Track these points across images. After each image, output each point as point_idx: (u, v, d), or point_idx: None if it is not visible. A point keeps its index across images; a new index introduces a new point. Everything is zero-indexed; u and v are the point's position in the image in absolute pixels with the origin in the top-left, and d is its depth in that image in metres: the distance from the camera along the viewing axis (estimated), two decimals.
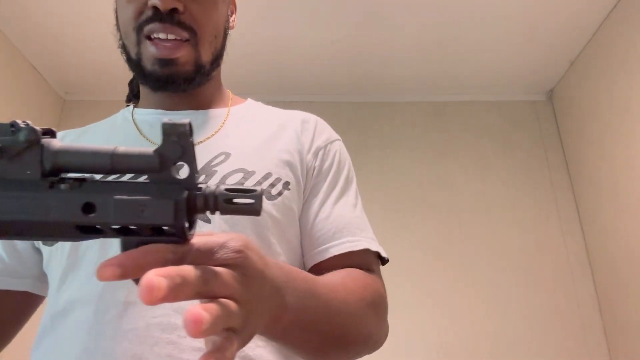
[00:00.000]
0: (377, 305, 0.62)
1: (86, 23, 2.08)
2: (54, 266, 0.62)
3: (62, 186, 0.33)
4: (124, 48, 0.71)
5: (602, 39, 2.08)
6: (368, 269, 0.66)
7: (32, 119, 2.38)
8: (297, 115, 0.77)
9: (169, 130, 0.33)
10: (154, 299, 0.27)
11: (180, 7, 0.64)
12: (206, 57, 0.69)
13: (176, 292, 0.28)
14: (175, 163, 0.33)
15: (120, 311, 0.55)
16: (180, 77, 0.67)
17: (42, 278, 0.68)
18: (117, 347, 0.53)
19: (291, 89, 2.45)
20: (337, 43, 2.19)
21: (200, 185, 0.34)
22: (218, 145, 0.67)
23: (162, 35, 0.65)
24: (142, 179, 0.35)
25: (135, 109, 0.75)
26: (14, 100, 2.24)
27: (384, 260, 0.70)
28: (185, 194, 0.33)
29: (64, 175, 0.34)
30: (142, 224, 0.32)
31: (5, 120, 0.35)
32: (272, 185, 0.64)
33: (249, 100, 0.81)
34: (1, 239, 0.34)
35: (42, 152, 0.34)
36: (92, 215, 0.33)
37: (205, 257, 0.34)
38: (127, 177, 0.58)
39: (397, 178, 2.36)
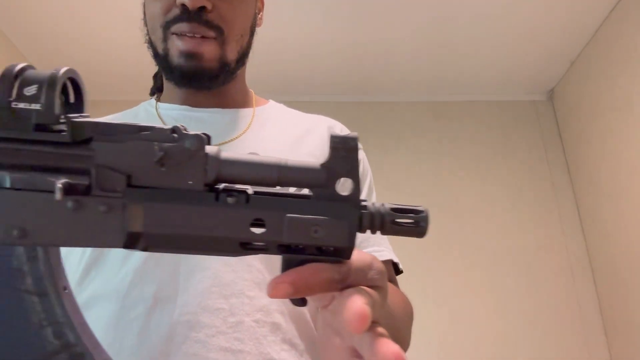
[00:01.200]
0: (412, 320, 0.64)
1: (86, 23, 2.08)
2: (74, 259, 0.61)
3: (229, 199, 0.31)
4: (150, 44, 0.71)
5: (603, 38, 2.08)
6: (391, 280, 0.67)
7: None
8: (323, 121, 0.77)
9: (338, 143, 0.31)
10: (364, 327, 0.26)
11: (208, 6, 0.64)
12: (232, 55, 0.68)
13: None
14: (340, 178, 0.32)
15: (148, 308, 0.55)
16: (204, 72, 0.66)
17: None
18: (144, 344, 0.53)
19: (291, 88, 2.45)
20: (337, 43, 2.19)
21: (364, 203, 0.32)
22: (245, 146, 0.66)
23: (189, 34, 0.64)
24: (291, 190, 0.33)
25: (159, 103, 0.74)
26: None
27: (398, 271, 0.71)
28: (359, 214, 0.31)
29: (222, 185, 0.32)
30: (313, 244, 0.31)
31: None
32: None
33: (271, 102, 0.80)
34: (158, 251, 0.32)
35: (207, 161, 0.31)
36: (261, 232, 0.31)
37: (362, 278, 0.33)
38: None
39: (397, 178, 2.36)
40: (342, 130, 0.76)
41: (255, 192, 0.32)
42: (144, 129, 0.31)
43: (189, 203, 0.31)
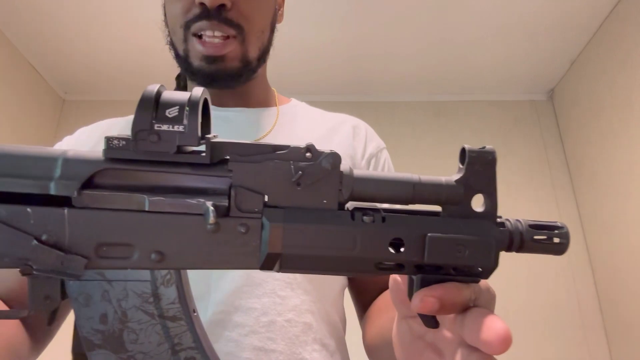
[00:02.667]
0: None
1: (86, 23, 2.08)
2: None
3: (365, 218, 0.31)
4: (172, 45, 0.70)
5: (603, 38, 2.08)
6: None
7: (31, 119, 2.38)
8: (347, 120, 0.77)
9: (475, 158, 0.31)
10: (506, 348, 0.27)
11: (228, 3, 0.63)
12: (253, 52, 0.68)
13: None
14: (475, 194, 0.31)
15: None
16: (227, 73, 0.66)
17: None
18: None
19: (291, 88, 2.45)
20: (337, 43, 2.19)
21: (500, 220, 0.31)
22: None
23: (209, 33, 0.64)
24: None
25: None
26: (13, 100, 2.24)
27: None
28: (506, 232, 0.31)
29: (349, 204, 0.32)
30: (458, 264, 0.30)
31: (5, 119, 0.33)
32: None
33: (294, 100, 0.80)
34: (291, 272, 0.31)
35: (342, 179, 0.31)
36: (400, 252, 0.30)
37: (487, 298, 0.32)
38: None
39: None
40: (366, 128, 0.77)
41: (384, 210, 0.31)
42: (278, 149, 0.31)
43: (327, 223, 0.30)
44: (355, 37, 2.16)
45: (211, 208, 0.29)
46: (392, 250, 0.30)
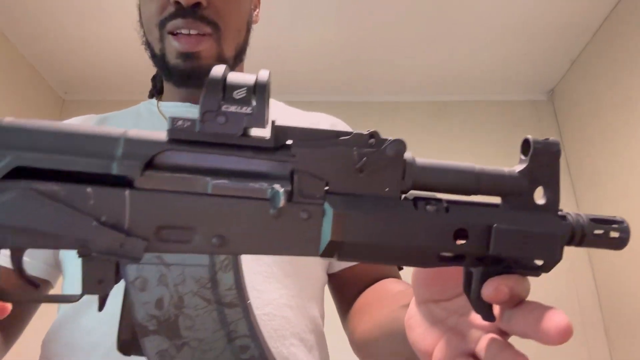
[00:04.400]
0: None
1: (86, 23, 2.08)
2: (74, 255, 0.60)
3: (429, 207, 0.30)
4: (147, 44, 0.71)
5: (603, 38, 2.08)
6: (396, 275, 0.68)
7: (31, 118, 2.38)
8: (324, 119, 0.77)
9: (539, 149, 0.30)
10: (566, 339, 0.28)
11: (203, 2, 0.64)
12: (229, 52, 0.68)
13: None
14: (538, 187, 0.30)
15: None
16: (203, 71, 0.66)
17: (56, 266, 0.66)
18: None
19: (291, 88, 2.45)
20: (337, 43, 2.19)
21: (561, 213, 0.31)
22: None
23: (184, 31, 0.64)
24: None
25: (160, 102, 0.74)
26: (13, 99, 2.24)
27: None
28: (569, 226, 0.30)
29: (415, 193, 0.31)
30: (523, 257, 0.30)
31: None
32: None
33: (272, 100, 0.80)
34: (350, 260, 0.31)
35: (405, 167, 0.30)
36: (463, 242, 0.30)
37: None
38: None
39: None
40: (345, 127, 0.76)
41: (458, 203, 0.31)
42: (342, 134, 0.31)
43: (390, 211, 0.30)
44: (355, 37, 2.16)
45: (281, 190, 0.28)
46: (456, 241, 0.30)
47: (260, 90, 0.30)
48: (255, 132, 0.30)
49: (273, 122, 0.30)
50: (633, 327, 1.88)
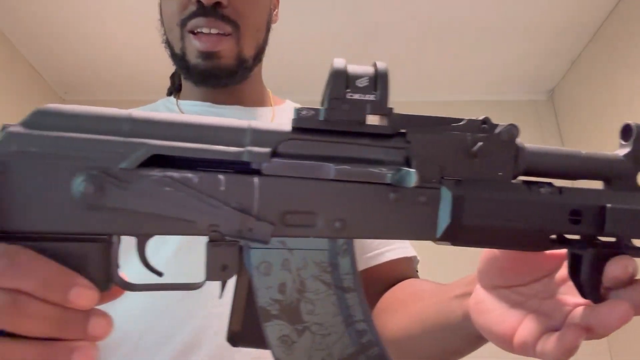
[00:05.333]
0: None
1: (86, 23, 2.08)
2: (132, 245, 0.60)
3: (542, 190, 0.31)
4: (167, 43, 0.71)
5: (604, 38, 2.08)
6: (417, 276, 0.68)
7: None
8: None
9: None
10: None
11: (224, 1, 0.64)
12: (249, 51, 0.69)
13: None
14: None
15: (179, 298, 0.55)
16: (222, 70, 0.66)
17: None
18: (176, 333, 0.53)
19: (291, 88, 2.45)
20: (337, 43, 2.19)
21: None
22: None
23: (205, 30, 0.64)
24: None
25: (179, 100, 0.74)
26: (13, 100, 2.24)
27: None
28: None
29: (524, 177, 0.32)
30: (632, 236, 0.31)
31: (4, 119, 0.33)
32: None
33: (288, 101, 0.81)
34: (465, 246, 0.32)
35: (518, 152, 0.31)
36: (579, 224, 0.30)
37: None
38: None
39: None
40: None
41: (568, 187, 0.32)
42: (454, 121, 0.32)
43: (507, 194, 0.30)
44: (354, 37, 2.16)
45: (414, 170, 0.29)
46: (572, 223, 0.31)
47: (382, 78, 0.31)
48: (370, 120, 0.32)
49: (391, 109, 0.32)
50: (633, 327, 1.88)
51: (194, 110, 0.71)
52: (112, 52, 2.24)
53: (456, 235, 0.31)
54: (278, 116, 0.73)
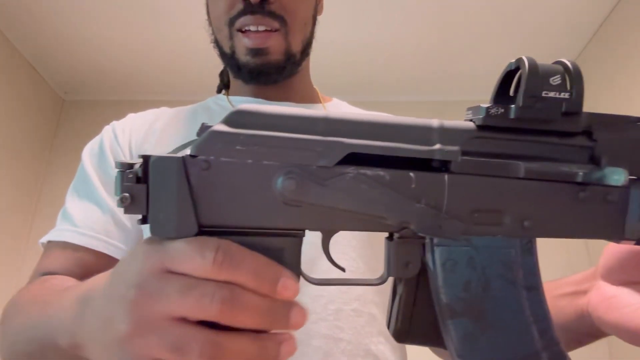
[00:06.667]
0: None
1: (86, 23, 2.08)
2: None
3: None
4: (216, 43, 0.71)
5: (603, 38, 2.08)
6: None
7: (31, 119, 2.38)
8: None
9: None
10: None
11: None
12: (296, 46, 0.69)
13: None
14: None
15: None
16: (271, 66, 0.67)
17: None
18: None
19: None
20: (337, 43, 2.19)
21: None
22: None
23: (252, 28, 0.65)
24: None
25: (230, 97, 0.74)
26: (13, 100, 2.24)
27: None
28: None
29: None
30: None
31: (5, 119, 0.32)
32: None
33: (335, 99, 0.81)
34: None
35: None
36: None
37: None
38: None
39: None
40: None
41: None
42: (639, 119, 0.32)
43: None
44: (355, 37, 2.16)
45: (622, 169, 0.29)
46: None
47: (577, 75, 0.31)
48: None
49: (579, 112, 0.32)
50: None
51: None
52: (112, 52, 2.24)
53: None
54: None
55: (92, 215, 0.60)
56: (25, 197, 2.35)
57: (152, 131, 0.67)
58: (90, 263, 0.58)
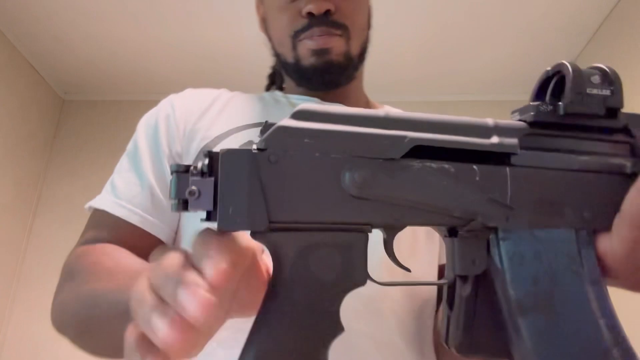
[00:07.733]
0: None
1: (86, 23, 2.08)
2: (192, 223, 0.61)
3: None
4: (277, 56, 0.72)
5: (603, 38, 2.08)
6: None
7: (31, 118, 2.38)
8: None
9: None
10: None
11: (332, 8, 0.66)
12: (355, 50, 0.70)
13: None
14: None
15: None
16: (334, 66, 0.68)
17: (174, 232, 0.65)
18: None
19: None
20: None
21: None
22: None
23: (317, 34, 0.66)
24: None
25: (287, 94, 0.74)
26: (13, 100, 2.24)
27: None
28: None
29: None
30: None
31: (5, 119, 0.32)
32: None
33: (386, 107, 0.83)
34: None
35: None
36: None
37: None
38: None
39: None
40: None
41: None
42: None
43: None
44: None
45: None
46: None
47: (614, 75, 0.34)
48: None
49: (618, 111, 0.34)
50: (633, 327, 1.88)
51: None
52: (111, 52, 2.24)
53: None
54: None
55: (133, 189, 0.62)
56: (25, 197, 2.35)
57: (208, 111, 0.67)
58: (126, 235, 0.60)
